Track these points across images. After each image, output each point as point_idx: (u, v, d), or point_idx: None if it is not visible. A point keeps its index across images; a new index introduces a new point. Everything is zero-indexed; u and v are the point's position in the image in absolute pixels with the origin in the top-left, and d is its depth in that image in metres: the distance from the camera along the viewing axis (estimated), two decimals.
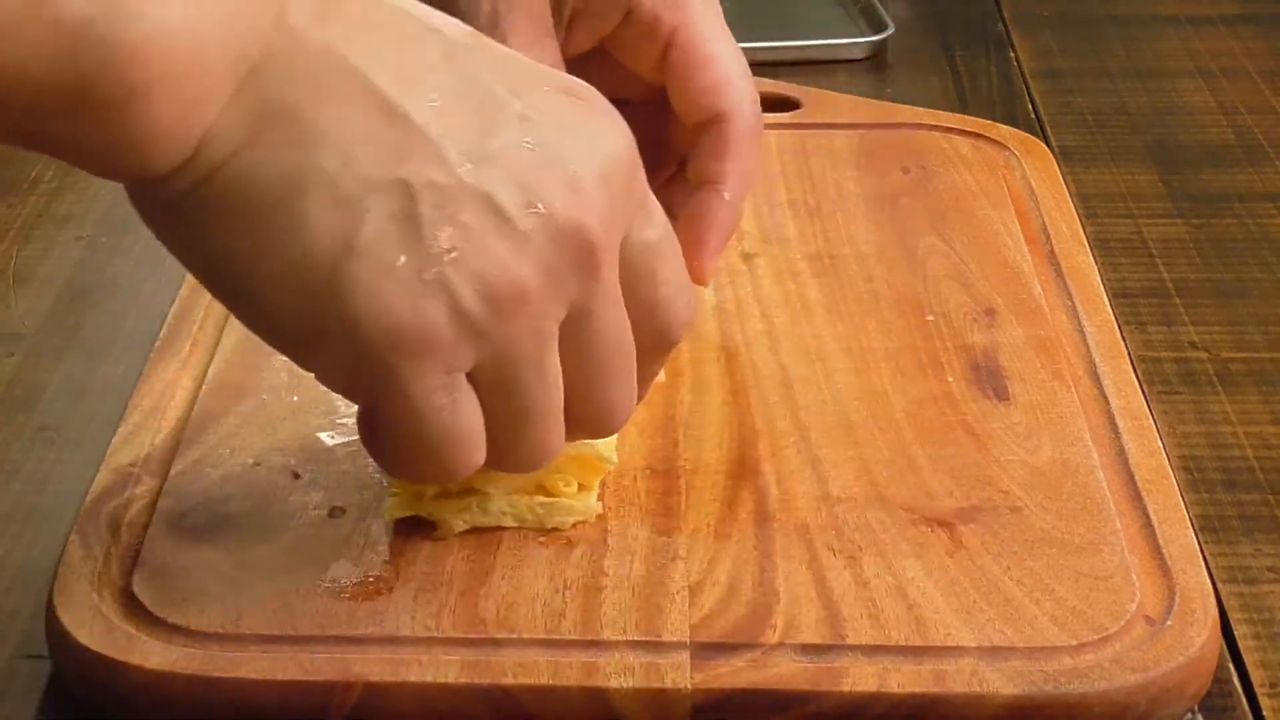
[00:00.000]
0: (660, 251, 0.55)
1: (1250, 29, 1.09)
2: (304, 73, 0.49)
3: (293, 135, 0.49)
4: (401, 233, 0.49)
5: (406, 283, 0.49)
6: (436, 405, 0.51)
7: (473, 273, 0.50)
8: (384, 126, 0.49)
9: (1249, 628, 0.61)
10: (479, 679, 0.55)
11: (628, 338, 0.55)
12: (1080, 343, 0.72)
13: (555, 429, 0.54)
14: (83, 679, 0.57)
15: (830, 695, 0.55)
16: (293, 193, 0.49)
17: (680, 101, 0.66)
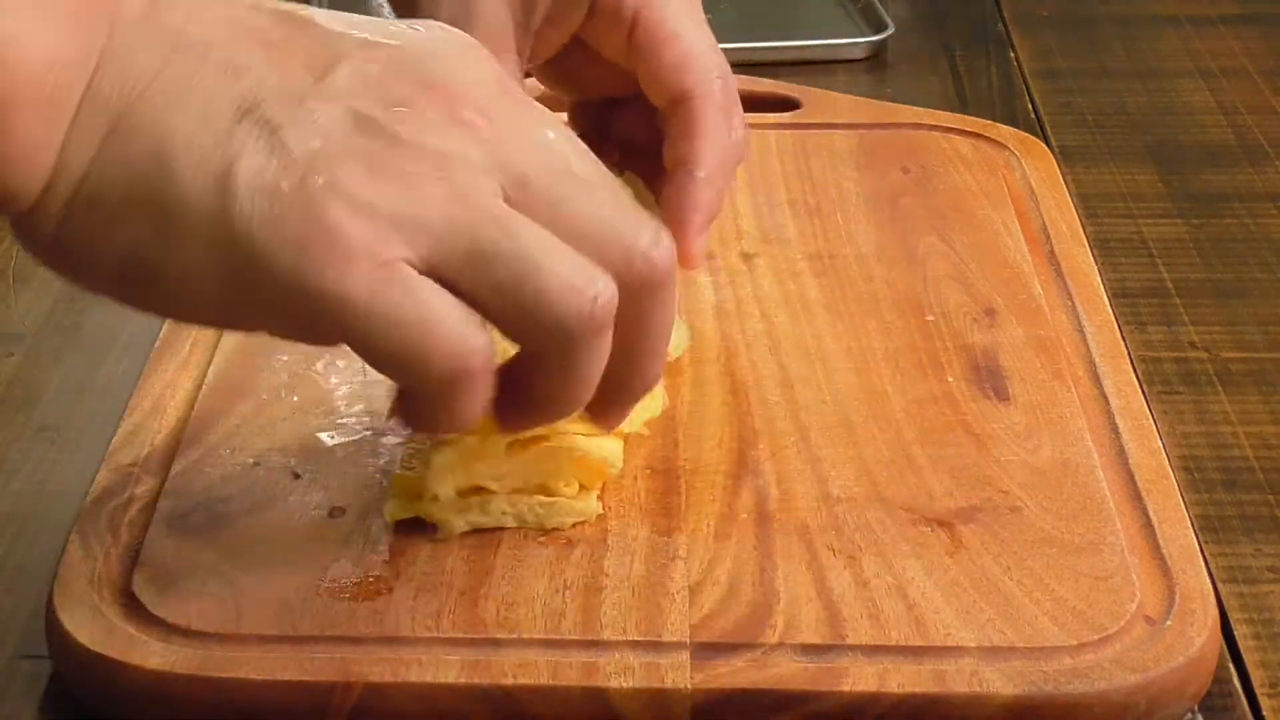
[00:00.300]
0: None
1: (1250, 29, 1.09)
2: (144, 61, 0.49)
3: (145, 119, 0.49)
4: (269, 154, 0.49)
5: (293, 196, 0.48)
6: (391, 302, 0.49)
7: (355, 168, 0.49)
8: (228, 81, 0.49)
9: (1249, 628, 0.61)
10: (479, 679, 0.55)
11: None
12: (1080, 343, 0.72)
13: (567, 259, 0.51)
14: (83, 679, 0.57)
15: (830, 695, 0.55)
16: (161, 169, 0.48)
17: (648, 84, 0.65)
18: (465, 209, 0.50)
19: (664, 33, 0.65)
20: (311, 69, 0.50)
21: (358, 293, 0.48)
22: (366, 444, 0.65)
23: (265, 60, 0.50)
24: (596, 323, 0.51)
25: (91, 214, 0.49)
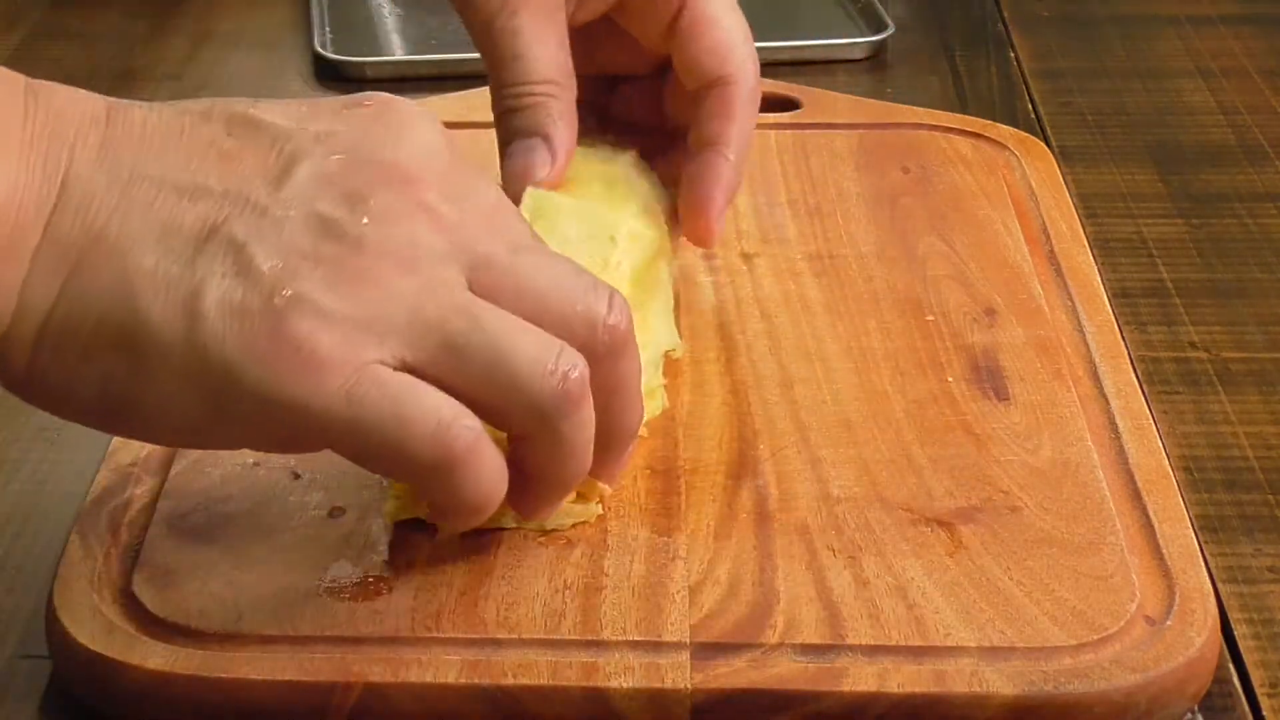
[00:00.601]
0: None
1: (1250, 29, 1.09)
2: (103, 193, 0.49)
3: (107, 253, 0.49)
4: (235, 276, 0.49)
5: (261, 315, 0.49)
6: (369, 404, 0.50)
7: (322, 276, 0.49)
8: (188, 205, 0.50)
9: (1249, 628, 0.61)
10: (479, 679, 0.55)
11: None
12: (1080, 343, 0.72)
13: (534, 341, 0.52)
14: (83, 679, 0.57)
15: (830, 695, 0.55)
16: (128, 303, 0.49)
17: (686, 64, 0.68)
18: (433, 304, 0.51)
19: (709, 18, 0.68)
20: (268, 176, 0.51)
21: (334, 403, 0.49)
22: None
23: (221, 175, 0.50)
24: (572, 397, 0.53)
25: (61, 351, 0.49)
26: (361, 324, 0.50)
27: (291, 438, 0.51)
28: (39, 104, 0.50)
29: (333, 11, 1.10)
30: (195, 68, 1.07)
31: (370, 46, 1.07)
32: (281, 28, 1.12)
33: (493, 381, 0.51)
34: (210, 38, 1.11)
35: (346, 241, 0.50)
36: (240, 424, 0.50)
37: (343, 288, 0.50)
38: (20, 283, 0.49)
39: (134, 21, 1.12)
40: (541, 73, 0.65)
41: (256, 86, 1.04)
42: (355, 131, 0.52)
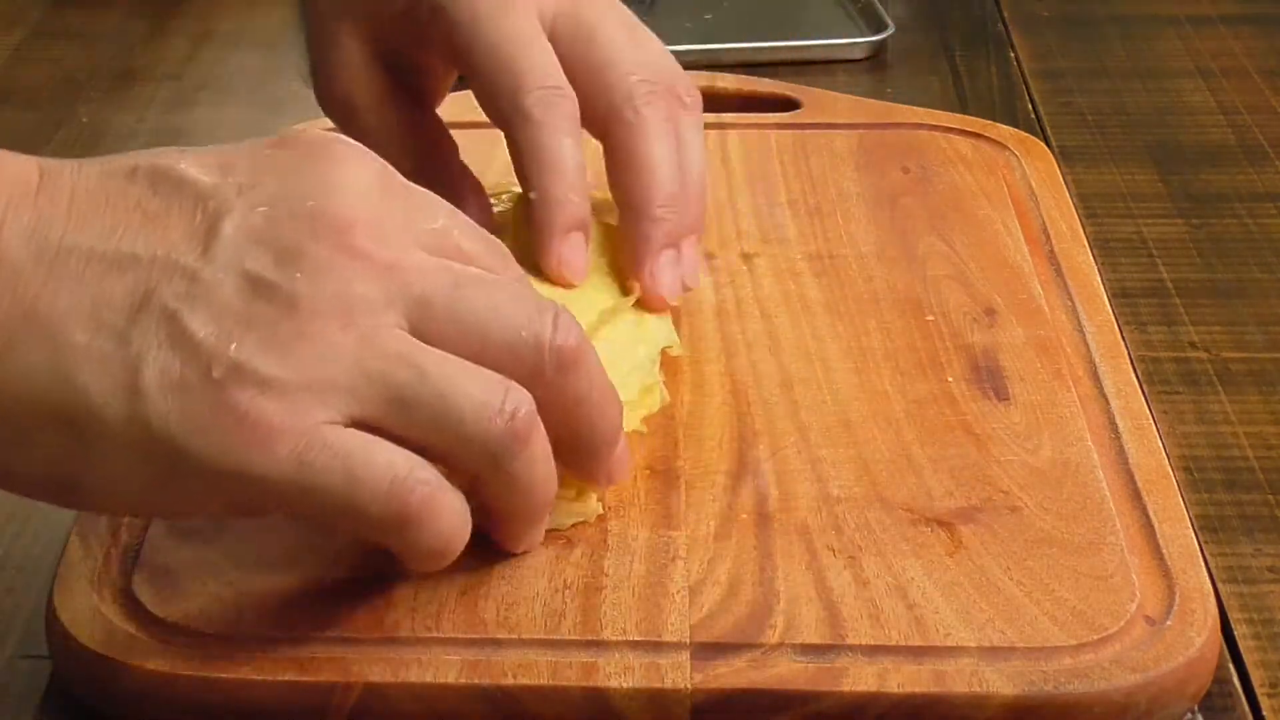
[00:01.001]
0: (454, 230, 0.54)
1: (1250, 29, 1.09)
2: (30, 269, 0.48)
3: (39, 331, 0.48)
4: (172, 348, 0.48)
5: (201, 388, 0.48)
6: (319, 467, 0.49)
7: (258, 340, 0.49)
8: (116, 276, 0.49)
9: (1249, 628, 0.61)
10: (479, 679, 0.55)
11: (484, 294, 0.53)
12: (1080, 343, 0.72)
13: (479, 385, 0.52)
14: (83, 680, 0.57)
15: (830, 695, 0.55)
16: (65, 382, 0.48)
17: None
18: (374, 356, 0.50)
19: (585, 26, 0.65)
20: (195, 238, 0.50)
21: (285, 469, 0.49)
22: None
23: (148, 241, 0.49)
24: (520, 437, 0.52)
25: (1, 431, 0.49)
26: (304, 386, 0.49)
27: (246, 504, 0.51)
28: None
29: None
30: (195, 68, 1.07)
31: None
32: (281, 28, 1.12)
33: (441, 430, 0.51)
34: (210, 38, 1.11)
35: (279, 301, 0.49)
36: (191, 496, 0.50)
37: (281, 350, 0.49)
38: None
39: (134, 21, 1.12)
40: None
41: (256, 86, 1.04)
42: (280, 180, 0.51)
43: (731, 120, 0.90)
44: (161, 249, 0.49)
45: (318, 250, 0.50)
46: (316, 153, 0.52)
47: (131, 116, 0.99)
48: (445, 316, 0.52)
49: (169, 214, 0.50)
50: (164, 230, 0.50)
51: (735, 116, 0.91)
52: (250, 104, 1.01)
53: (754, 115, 0.91)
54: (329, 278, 0.50)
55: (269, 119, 0.96)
